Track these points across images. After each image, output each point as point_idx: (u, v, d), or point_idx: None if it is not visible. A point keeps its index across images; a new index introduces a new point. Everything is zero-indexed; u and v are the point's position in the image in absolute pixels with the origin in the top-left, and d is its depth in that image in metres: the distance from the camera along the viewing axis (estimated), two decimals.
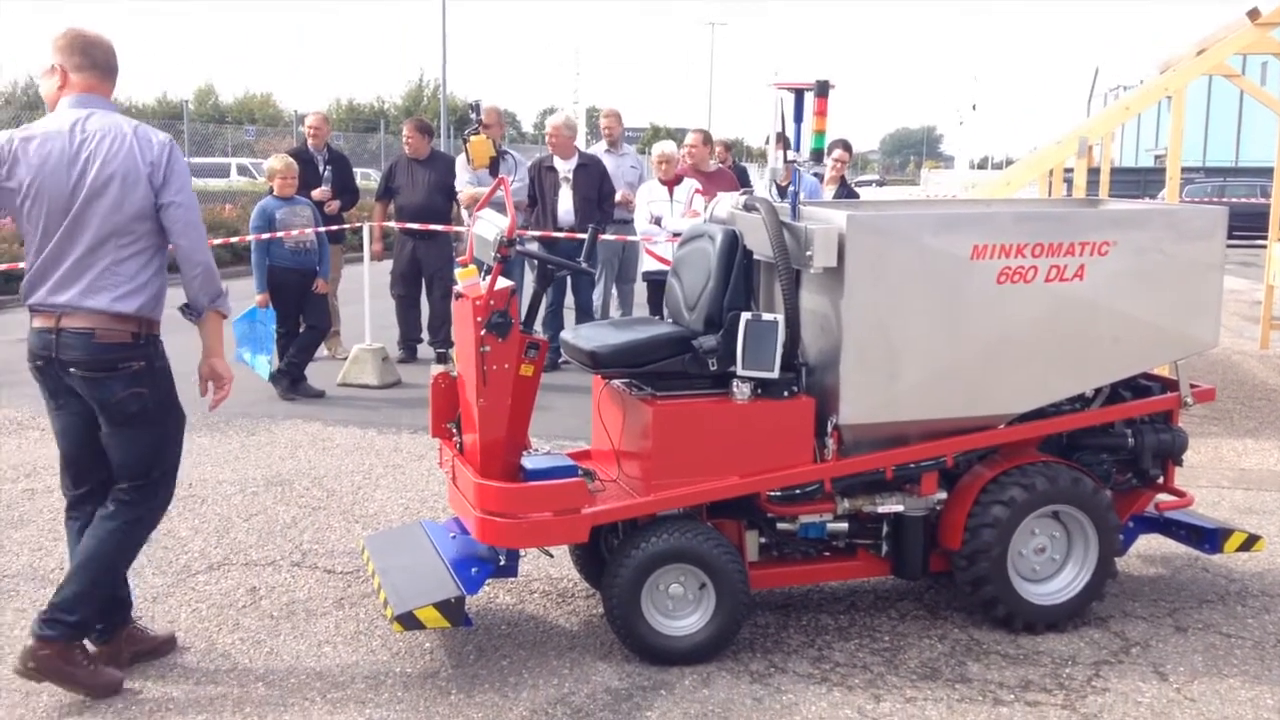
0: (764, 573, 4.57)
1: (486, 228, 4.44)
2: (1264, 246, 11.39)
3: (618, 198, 9.62)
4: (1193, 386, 4.86)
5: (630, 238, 9.47)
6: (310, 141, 10.42)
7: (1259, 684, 4.19)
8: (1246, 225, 27.00)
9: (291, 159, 9.12)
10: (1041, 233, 4.38)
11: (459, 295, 4.37)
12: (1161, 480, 4.92)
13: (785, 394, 4.37)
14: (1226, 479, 6.88)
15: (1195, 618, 4.79)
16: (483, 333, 4.17)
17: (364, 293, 9.82)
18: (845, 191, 9.51)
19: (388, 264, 10.51)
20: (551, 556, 5.17)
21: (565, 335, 4.77)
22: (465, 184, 9.63)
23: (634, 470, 4.46)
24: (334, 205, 10.16)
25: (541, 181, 9.67)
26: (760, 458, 4.35)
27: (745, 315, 4.33)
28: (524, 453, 4.44)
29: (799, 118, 4.64)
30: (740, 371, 4.32)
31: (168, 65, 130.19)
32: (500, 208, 4.78)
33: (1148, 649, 4.48)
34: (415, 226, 9.95)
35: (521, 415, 4.40)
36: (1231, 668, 4.33)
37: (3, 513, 6.02)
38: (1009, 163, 58.45)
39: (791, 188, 4.64)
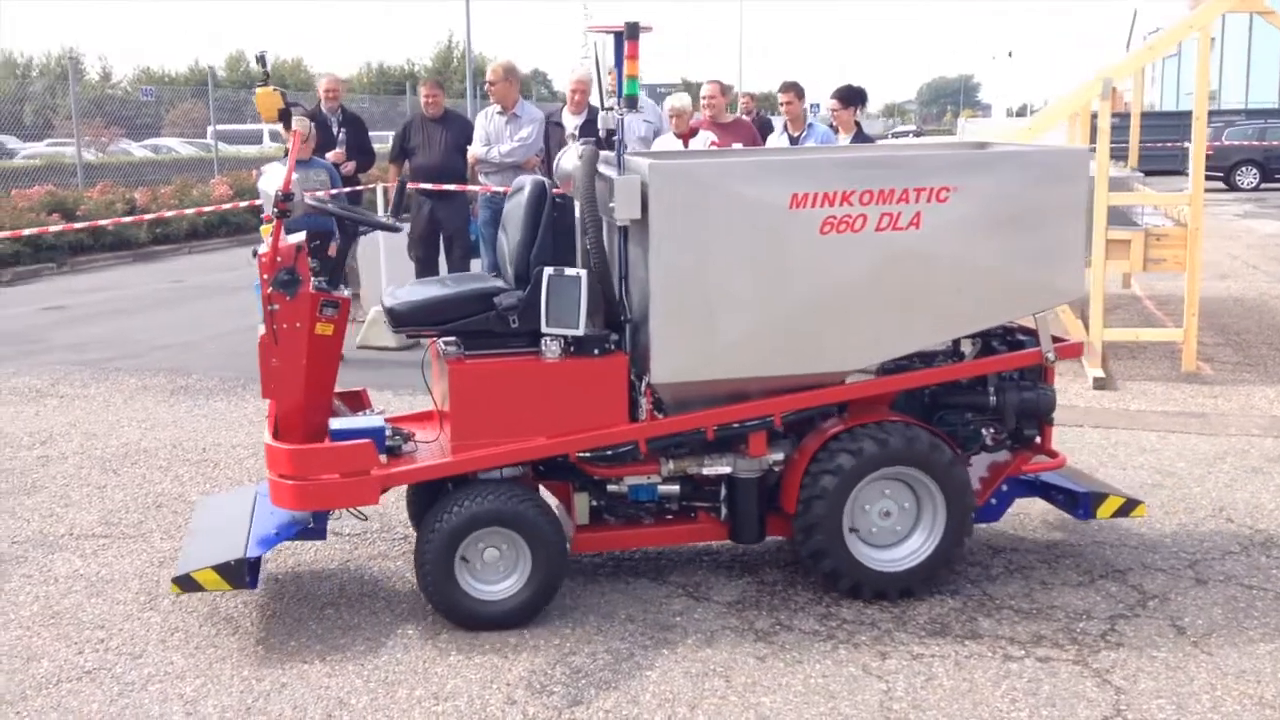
0: (595, 536, 4.46)
1: (268, 182, 4.37)
2: None
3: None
4: (1057, 341, 4.55)
5: None
6: (324, 103, 10.36)
7: (1279, 636, 4.07)
8: None
9: (308, 120, 9.04)
10: (870, 179, 4.09)
11: (255, 254, 4.27)
12: (1039, 440, 4.61)
13: (596, 352, 4.22)
14: (1257, 427, 6.70)
15: (1217, 569, 4.66)
16: (270, 290, 4.10)
17: (379, 255, 9.76)
18: (861, 138, 9.30)
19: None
20: (365, 519, 5.10)
21: (384, 293, 4.65)
22: (479, 144, 9.54)
23: (447, 431, 4.34)
24: (349, 167, 10.11)
25: (548, 136, 9.55)
26: (571, 418, 4.19)
27: (548, 270, 4.17)
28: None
29: (619, 62, 4.40)
30: (543, 329, 4.17)
31: (200, 35, 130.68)
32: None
33: (1166, 602, 4.36)
34: (429, 187, 9.87)
35: (321, 375, 4.30)
36: (1252, 620, 4.21)
37: (16, 479, 6.05)
38: None
39: (618, 136, 4.43)
